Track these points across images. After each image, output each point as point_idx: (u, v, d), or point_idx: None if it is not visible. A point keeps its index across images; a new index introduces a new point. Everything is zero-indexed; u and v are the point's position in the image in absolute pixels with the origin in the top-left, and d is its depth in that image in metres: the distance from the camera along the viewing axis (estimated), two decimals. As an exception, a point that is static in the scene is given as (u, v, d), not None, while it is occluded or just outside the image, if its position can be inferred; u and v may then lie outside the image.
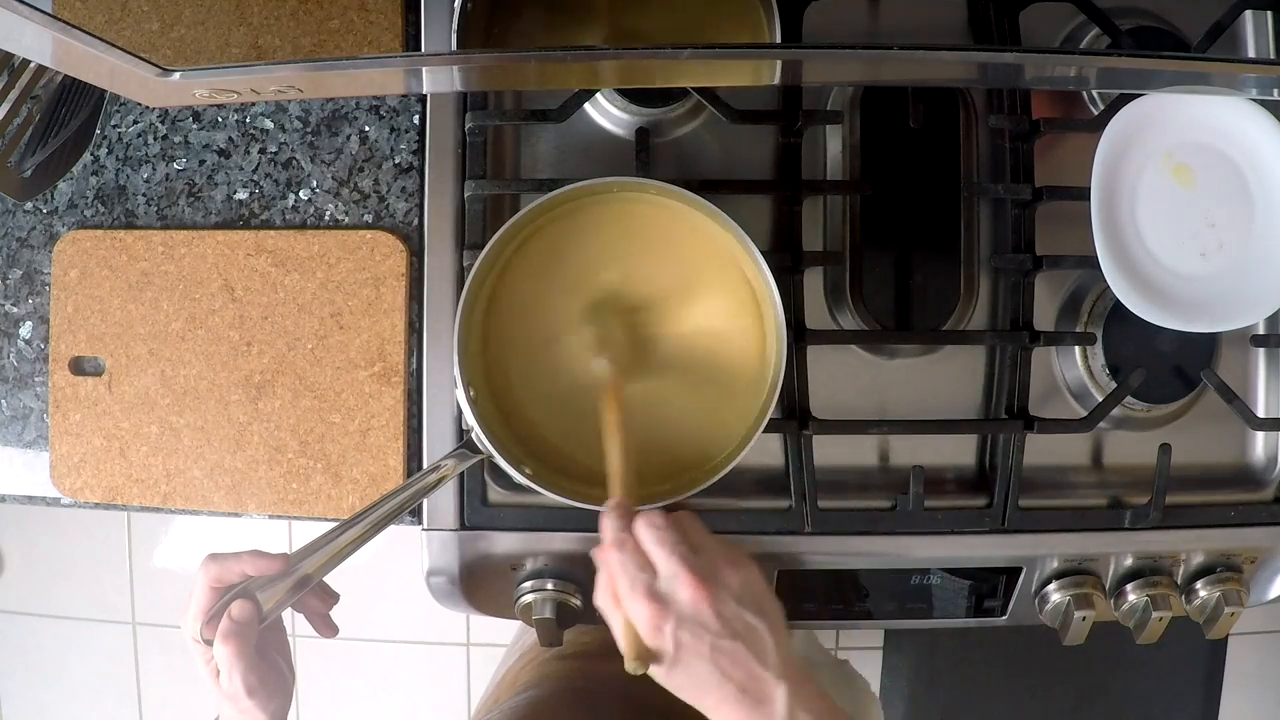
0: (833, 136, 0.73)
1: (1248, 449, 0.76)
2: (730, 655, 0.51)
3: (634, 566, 0.53)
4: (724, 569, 0.53)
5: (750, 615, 0.52)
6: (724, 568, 0.53)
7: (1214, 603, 0.71)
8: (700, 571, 0.52)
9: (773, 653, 0.52)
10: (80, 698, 1.84)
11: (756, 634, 0.52)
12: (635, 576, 0.52)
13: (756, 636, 0.52)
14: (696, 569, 0.52)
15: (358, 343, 0.74)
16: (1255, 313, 0.68)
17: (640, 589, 0.52)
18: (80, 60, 0.46)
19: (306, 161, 0.75)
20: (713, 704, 0.52)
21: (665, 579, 0.52)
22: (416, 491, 0.60)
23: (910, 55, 0.53)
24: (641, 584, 0.52)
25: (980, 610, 0.74)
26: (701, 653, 0.51)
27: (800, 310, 0.70)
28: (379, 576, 1.67)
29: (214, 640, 0.54)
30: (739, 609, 0.52)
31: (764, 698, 0.51)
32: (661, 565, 0.53)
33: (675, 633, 0.51)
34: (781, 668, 0.52)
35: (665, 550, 0.53)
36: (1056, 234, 0.71)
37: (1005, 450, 0.70)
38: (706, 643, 0.51)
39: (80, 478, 0.75)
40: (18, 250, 0.77)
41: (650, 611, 0.51)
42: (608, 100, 0.71)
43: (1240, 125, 0.67)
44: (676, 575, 0.52)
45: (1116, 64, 0.57)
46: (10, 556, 1.84)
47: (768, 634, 0.52)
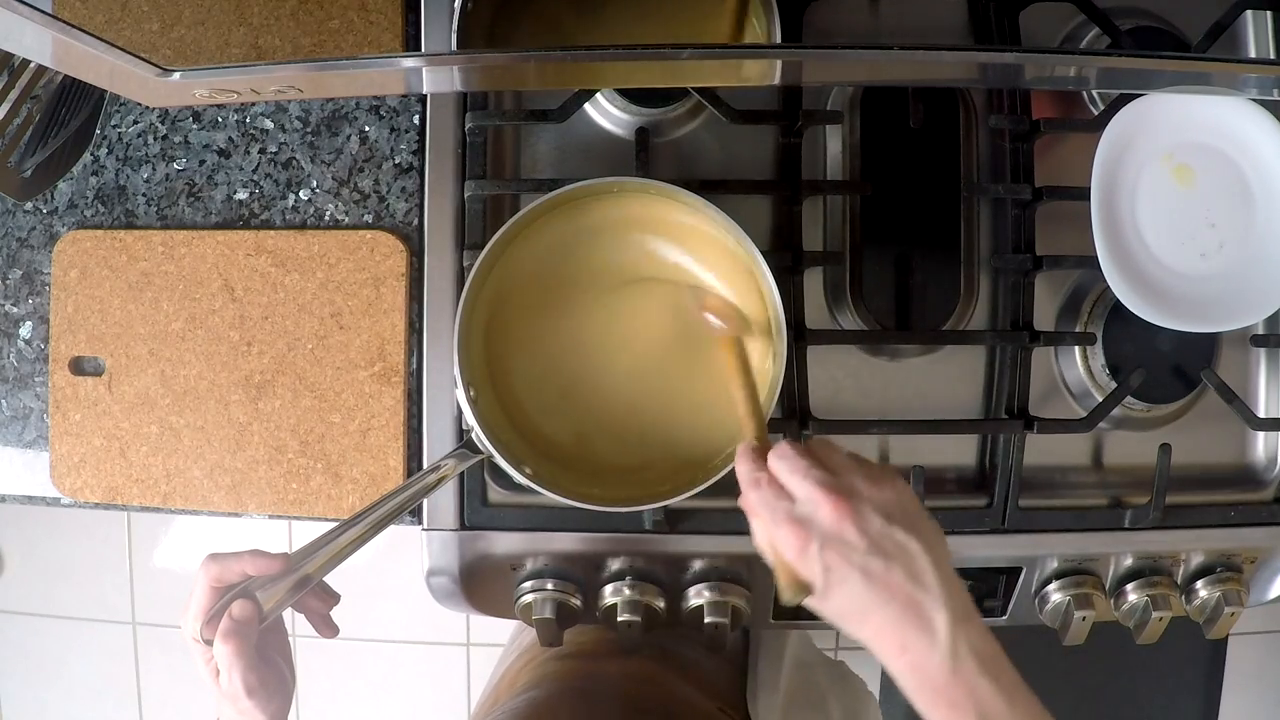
0: (833, 136, 0.73)
1: (1248, 449, 0.76)
2: (883, 576, 0.48)
3: (773, 498, 0.51)
4: (865, 486, 0.50)
5: (901, 533, 0.49)
6: (865, 485, 0.50)
7: (1214, 603, 0.71)
8: (838, 489, 0.49)
9: (931, 574, 0.49)
10: (80, 698, 1.84)
11: (910, 553, 0.49)
12: (775, 506, 0.50)
13: (910, 556, 0.49)
14: (833, 487, 0.49)
15: (358, 343, 0.74)
16: (1255, 313, 0.68)
17: (781, 515, 0.50)
18: (80, 60, 0.46)
19: (306, 161, 0.75)
20: (872, 630, 0.49)
21: (804, 502, 0.50)
22: (416, 491, 0.60)
23: (910, 55, 0.53)
24: (782, 511, 0.50)
25: (980, 610, 0.73)
26: (851, 574, 0.48)
27: (800, 310, 0.70)
28: (379, 576, 1.67)
29: (214, 640, 0.54)
30: (887, 526, 0.49)
31: (924, 624, 0.48)
32: (798, 491, 0.50)
33: (822, 554, 0.48)
34: (943, 592, 0.48)
35: (799, 476, 0.51)
36: (1056, 234, 0.71)
37: (1005, 450, 0.70)
38: (855, 563, 0.48)
39: (80, 478, 0.75)
40: (18, 250, 0.77)
41: (793, 535, 0.49)
42: (608, 100, 0.71)
43: (1240, 125, 0.67)
44: (813, 497, 0.50)
45: (1116, 64, 0.57)
46: (10, 556, 1.84)
47: (923, 554, 0.49)
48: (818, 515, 0.49)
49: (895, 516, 0.50)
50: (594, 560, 0.70)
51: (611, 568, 0.70)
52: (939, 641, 0.47)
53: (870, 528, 0.49)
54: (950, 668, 0.47)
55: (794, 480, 0.51)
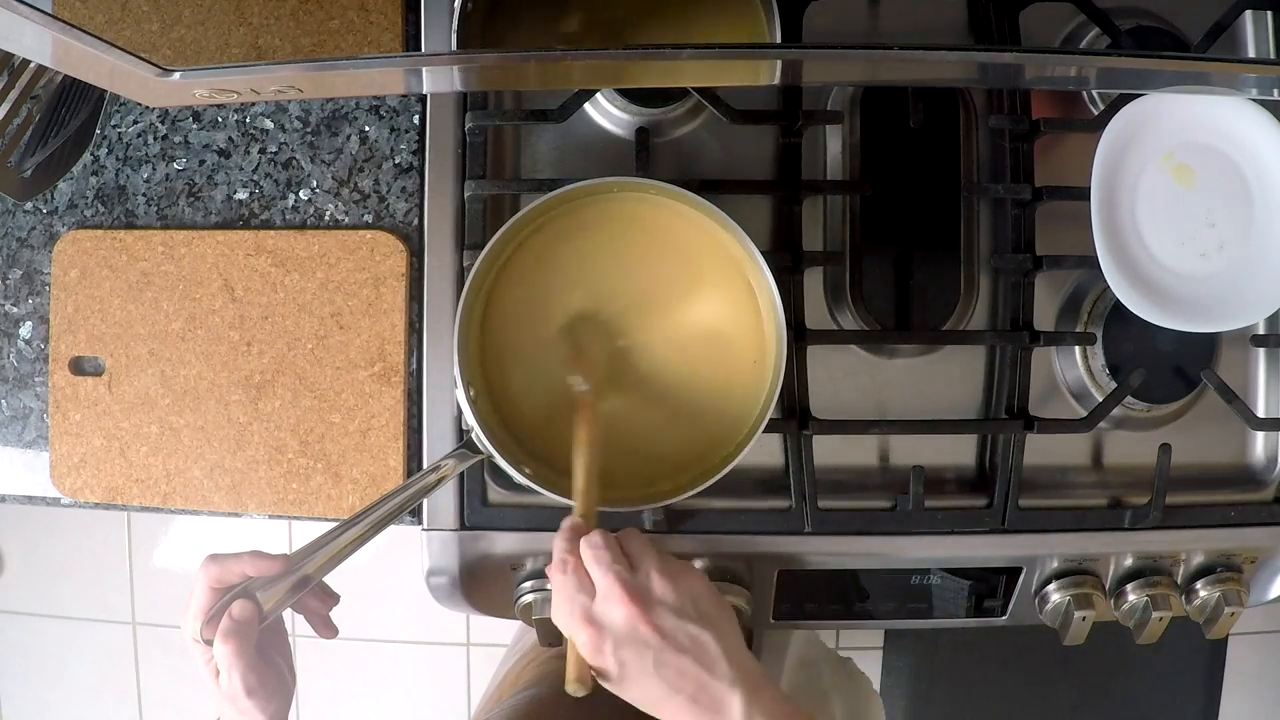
0: (833, 136, 0.73)
1: (1248, 449, 0.76)
2: (676, 668, 0.51)
3: (573, 588, 0.53)
4: (662, 582, 0.53)
5: (693, 626, 0.52)
6: (663, 581, 0.53)
7: (1214, 603, 0.71)
8: (634, 589, 0.52)
9: (721, 661, 0.52)
10: (80, 698, 1.84)
11: (701, 644, 0.52)
12: (574, 599, 0.53)
13: (702, 647, 0.52)
14: (631, 587, 0.52)
15: (358, 343, 0.74)
16: (1255, 313, 0.68)
17: (578, 612, 0.52)
18: (80, 60, 0.46)
19: (306, 161, 0.75)
20: (669, 715, 0.52)
21: (601, 599, 0.53)
22: (416, 491, 0.60)
23: (910, 55, 0.53)
24: (579, 607, 0.53)
25: (980, 610, 0.74)
26: (646, 669, 0.51)
27: (800, 310, 0.70)
28: (379, 576, 1.67)
29: (214, 640, 0.54)
30: (679, 622, 0.52)
31: (719, 706, 0.51)
32: (599, 584, 0.53)
33: (616, 653, 0.51)
34: (733, 674, 0.51)
35: (601, 569, 0.53)
36: (1056, 234, 0.71)
37: (1005, 450, 0.70)
38: (650, 659, 0.51)
39: (80, 478, 0.75)
40: (18, 250, 0.77)
41: (588, 635, 0.52)
42: (608, 100, 0.70)
43: (1240, 125, 0.67)
44: (610, 594, 0.52)
45: (1116, 64, 0.57)
46: (10, 556, 1.84)
47: (714, 643, 0.52)
48: (613, 614, 0.52)
49: (687, 611, 0.53)
50: (594, 560, 0.70)
51: (611, 568, 0.70)
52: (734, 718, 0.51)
53: (664, 624, 0.52)
54: None
55: (597, 570, 0.53)
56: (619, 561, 0.53)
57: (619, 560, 0.53)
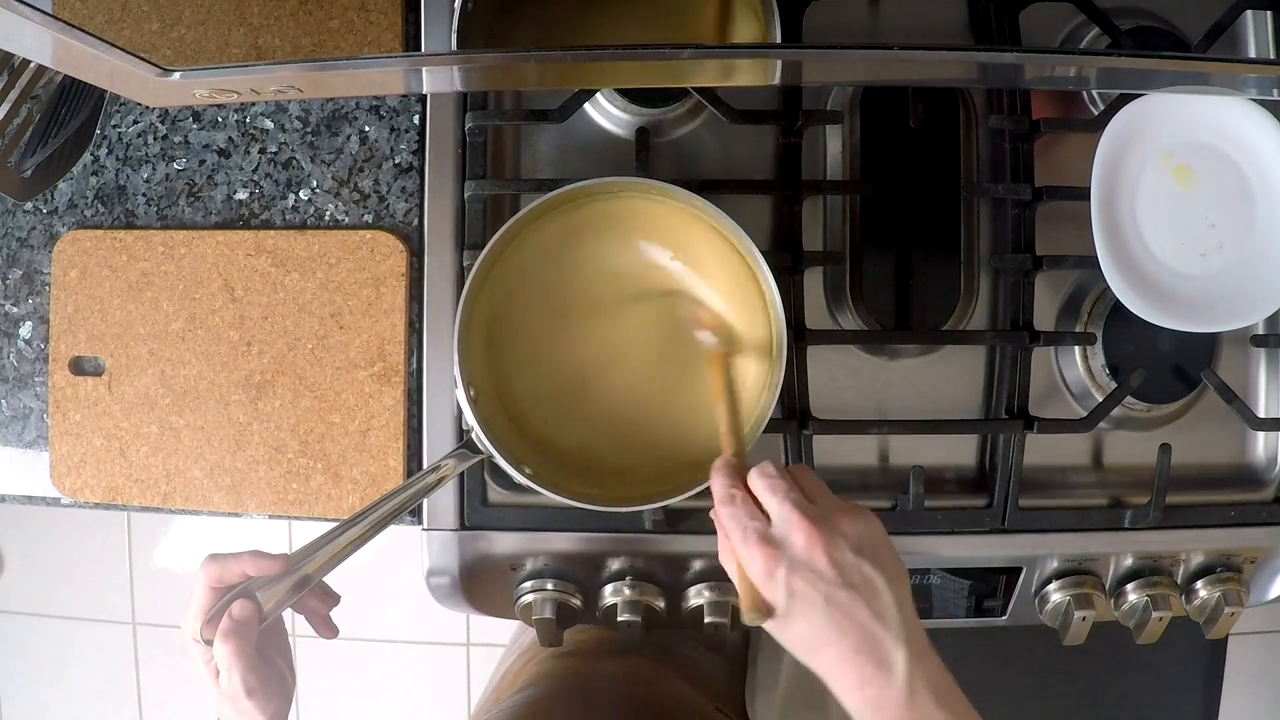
0: (833, 136, 0.73)
1: (1248, 449, 0.76)
2: (847, 608, 0.48)
3: (746, 516, 0.51)
4: (841, 516, 0.51)
5: (868, 567, 0.49)
6: (841, 515, 0.51)
7: (1214, 603, 0.71)
8: (815, 516, 0.50)
9: (893, 610, 0.49)
10: (80, 698, 1.84)
11: (875, 588, 0.49)
12: (747, 525, 0.50)
13: (875, 590, 0.49)
14: (811, 514, 0.50)
15: (358, 343, 0.74)
16: (1255, 313, 0.68)
17: (753, 536, 0.50)
18: (80, 60, 0.46)
19: (306, 161, 0.75)
20: (829, 661, 0.49)
21: (779, 524, 0.50)
22: (416, 491, 0.60)
23: (910, 55, 0.53)
24: (754, 531, 0.50)
25: (980, 610, 0.74)
26: (816, 602, 0.48)
27: (800, 310, 0.70)
28: (379, 576, 1.67)
29: (214, 640, 0.54)
30: (857, 559, 0.49)
31: (883, 660, 0.48)
32: (775, 512, 0.51)
33: (789, 579, 0.48)
34: (902, 629, 0.49)
35: (778, 497, 0.51)
36: (1056, 234, 0.71)
37: (1005, 450, 0.70)
38: (821, 592, 0.48)
39: (80, 478, 0.75)
40: (18, 250, 0.77)
41: (763, 556, 0.49)
42: (608, 100, 0.70)
43: (1240, 125, 0.67)
44: (789, 520, 0.50)
45: (1116, 64, 0.57)
46: (10, 556, 1.84)
47: (887, 589, 0.49)
48: (791, 539, 0.49)
49: (865, 550, 0.50)
50: (594, 560, 0.70)
51: (611, 568, 0.70)
52: (896, 676, 0.48)
53: (841, 558, 0.49)
54: (907, 702, 0.48)
55: (773, 500, 0.51)
56: (795, 490, 0.51)
57: (795, 489, 0.51)
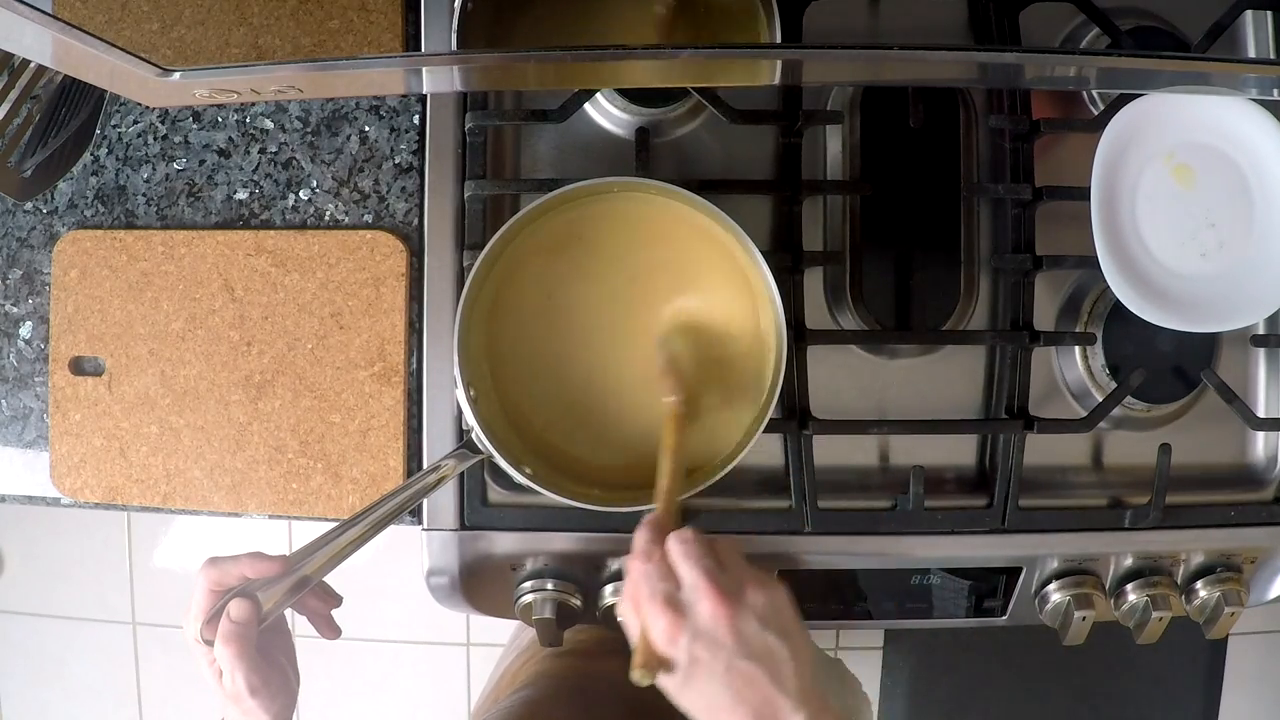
0: (833, 136, 0.73)
1: (1248, 449, 0.76)
2: (746, 676, 0.49)
3: (656, 576, 0.52)
4: (750, 588, 0.52)
5: (773, 637, 0.50)
6: (750, 587, 0.52)
7: (1214, 603, 0.71)
8: (724, 587, 0.51)
9: (792, 678, 0.50)
10: (80, 698, 1.84)
11: (776, 658, 0.50)
12: (656, 586, 0.51)
13: (776, 660, 0.50)
14: (720, 584, 0.51)
15: (358, 343, 0.74)
16: (1255, 313, 0.68)
17: (659, 597, 0.51)
18: (80, 60, 0.46)
19: (306, 161, 0.75)
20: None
21: (688, 590, 0.51)
22: (416, 491, 0.60)
23: (910, 55, 0.53)
24: (661, 593, 0.51)
25: (980, 610, 0.74)
26: (716, 670, 0.49)
27: (800, 310, 0.70)
28: (379, 576, 1.67)
29: (214, 641, 0.54)
30: (761, 630, 0.50)
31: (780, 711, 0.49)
32: (686, 577, 0.51)
33: (690, 646, 0.49)
34: (800, 695, 0.50)
35: (690, 563, 0.52)
36: (1056, 234, 0.71)
37: (1005, 450, 0.70)
38: (722, 660, 0.49)
39: (80, 478, 0.75)
40: (18, 250, 0.77)
41: (667, 620, 0.50)
42: (608, 100, 0.70)
43: (1240, 125, 0.67)
44: (698, 587, 0.51)
45: (1116, 64, 0.57)
46: (10, 556, 1.84)
47: (789, 659, 0.50)
48: (698, 607, 0.50)
49: (770, 621, 0.51)
50: (594, 560, 0.70)
51: (611, 568, 0.70)
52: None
53: (745, 629, 0.50)
54: None
55: (685, 565, 0.52)
56: (709, 558, 0.52)
57: (709, 556, 0.52)
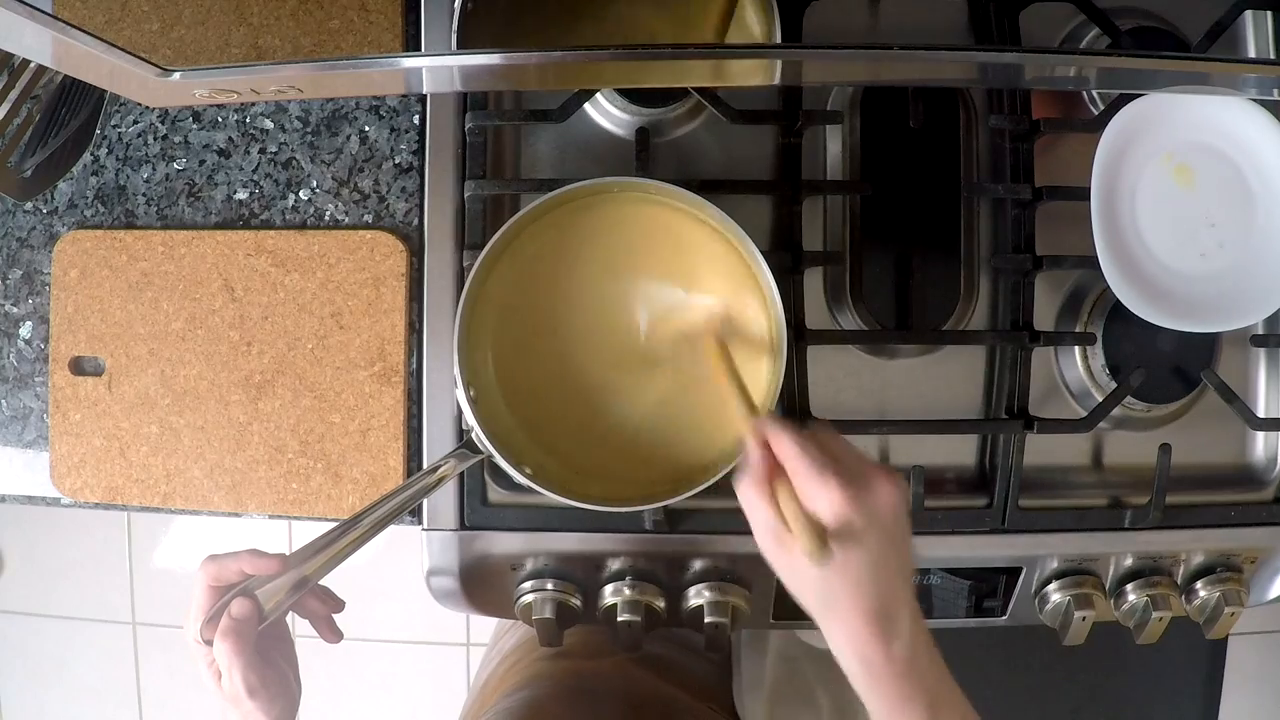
0: (833, 136, 0.73)
1: (1248, 449, 0.76)
2: (886, 561, 0.48)
3: (819, 452, 0.49)
4: (888, 474, 0.51)
5: (907, 523, 0.50)
6: (887, 473, 0.51)
7: (1214, 603, 0.71)
8: (886, 469, 0.50)
9: (910, 568, 0.50)
10: (80, 698, 1.84)
11: (907, 545, 0.50)
12: (824, 462, 0.49)
13: (907, 549, 0.50)
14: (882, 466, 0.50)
15: (358, 343, 0.74)
16: (1255, 313, 0.68)
17: (831, 471, 0.48)
18: (80, 60, 0.46)
19: (306, 161, 0.75)
20: (844, 614, 0.49)
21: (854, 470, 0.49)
22: (416, 491, 0.60)
23: (910, 55, 0.53)
24: (832, 469, 0.48)
25: (980, 610, 0.74)
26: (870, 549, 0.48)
27: (800, 310, 0.69)
28: (379, 576, 1.67)
29: (214, 640, 0.54)
30: (904, 516, 0.50)
31: (894, 618, 0.48)
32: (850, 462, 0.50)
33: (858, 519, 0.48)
34: (912, 594, 0.50)
35: (849, 449, 0.51)
36: (1056, 234, 0.71)
37: (1005, 450, 0.70)
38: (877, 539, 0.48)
39: (80, 478, 0.75)
40: (18, 250, 0.77)
41: (843, 494, 0.48)
42: (608, 100, 0.70)
43: (1240, 125, 0.67)
44: (868, 468, 0.50)
45: (1116, 64, 0.57)
46: (10, 556, 1.84)
47: (909, 551, 0.50)
48: (872, 483, 0.49)
49: (903, 509, 0.51)
50: (594, 560, 0.70)
51: (611, 568, 0.70)
52: (902, 636, 0.49)
53: (900, 512, 0.50)
54: (909, 659, 0.49)
55: (846, 449, 0.51)
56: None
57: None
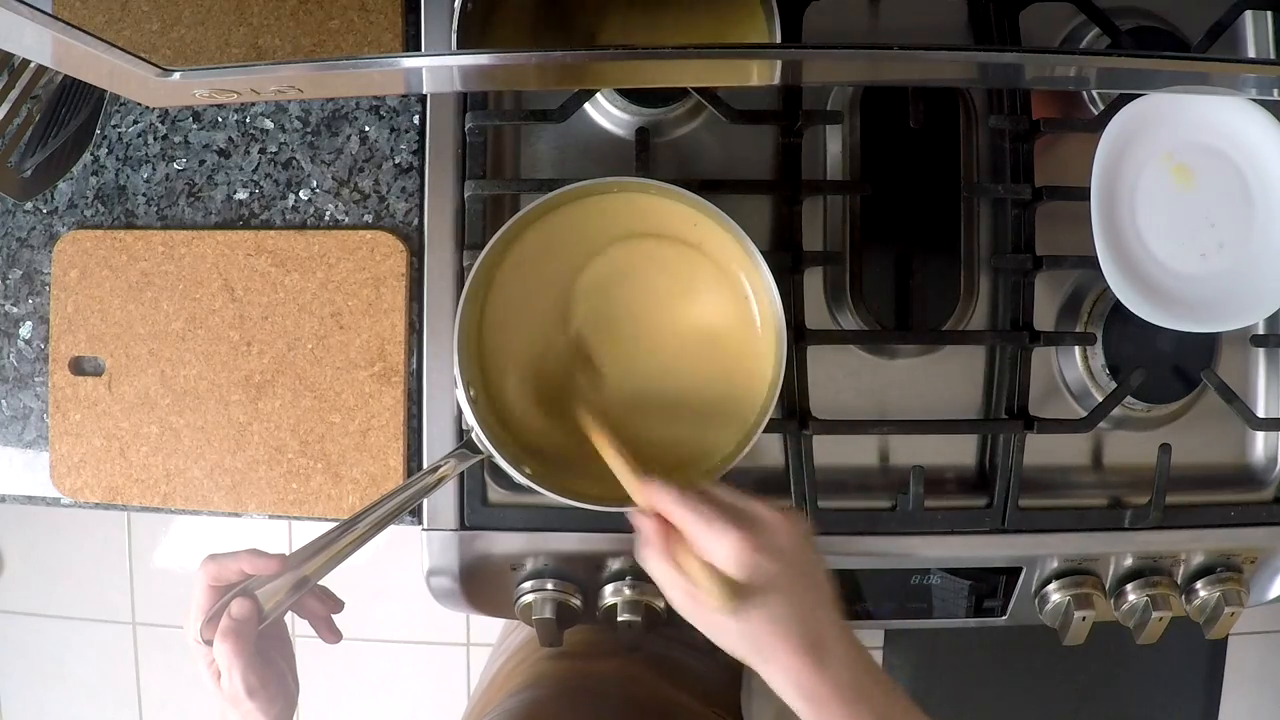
0: (833, 136, 0.73)
1: (1248, 449, 0.76)
2: (802, 594, 0.49)
3: (706, 506, 0.50)
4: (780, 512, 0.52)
5: (815, 554, 0.50)
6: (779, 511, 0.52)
7: (1214, 603, 0.71)
8: (779, 507, 0.51)
9: (833, 600, 0.50)
10: (80, 698, 1.84)
11: (821, 570, 0.50)
12: (712, 515, 0.49)
13: (822, 574, 0.50)
14: (768, 507, 0.51)
15: (358, 343, 0.74)
16: (1255, 313, 0.68)
17: (721, 517, 0.49)
18: (80, 60, 0.46)
19: (306, 161, 0.75)
20: (780, 652, 0.49)
21: (742, 512, 0.50)
22: (416, 491, 0.60)
23: (910, 55, 0.53)
24: (722, 517, 0.49)
25: (980, 610, 0.74)
26: (781, 586, 0.48)
27: (800, 310, 0.69)
28: (379, 576, 1.67)
29: (213, 640, 0.54)
30: (812, 550, 0.50)
31: (826, 646, 0.49)
32: (732, 504, 0.51)
33: (763, 562, 0.48)
34: (839, 617, 0.50)
35: (739, 497, 0.51)
36: (1056, 234, 0.71)
37: (1005, 450, 0.70)
38: (785, 575, 0.48)
39: (80, 478, 0.75)
40: (18, 250, 0.77)
41: (738, 535, 0.48)
42: (608, 100, 0.70)
43: (1240, 125, 0.67)
44: (752, 506, 0.50)
45: (1116, 64, 0.57)
46: (10, 556, 1.84)
47: (825, 574, 0.50)
48: (761, 519, 0.50)
49: (806, 540, 0.51)
50: (594, 560, 0.70)
51: (611, 568, 0.70)
52: (840, 656, 0.49)
53: (803, 542, 0.51)
54: (852, 681, 0.49)
55: (738, 499, 0.52)
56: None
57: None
